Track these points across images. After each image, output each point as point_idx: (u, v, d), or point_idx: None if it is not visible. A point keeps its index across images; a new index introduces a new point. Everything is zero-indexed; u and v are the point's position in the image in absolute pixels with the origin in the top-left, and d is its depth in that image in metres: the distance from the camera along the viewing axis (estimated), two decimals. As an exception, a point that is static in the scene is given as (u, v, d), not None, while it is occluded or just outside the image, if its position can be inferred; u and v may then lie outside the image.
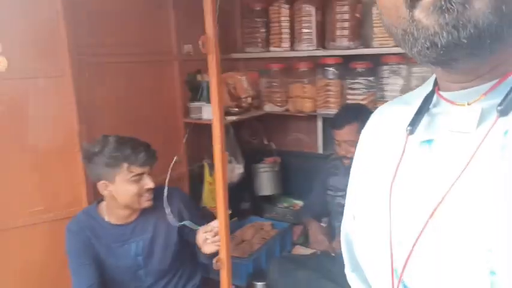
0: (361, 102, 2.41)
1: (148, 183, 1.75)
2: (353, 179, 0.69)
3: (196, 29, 1.35)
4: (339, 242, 0.77)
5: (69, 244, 1.75)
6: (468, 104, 0.49)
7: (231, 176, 2.83)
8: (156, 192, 1.83)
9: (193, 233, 1.93)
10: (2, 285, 1.82)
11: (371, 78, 2.43)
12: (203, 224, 1.89)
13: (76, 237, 1.75)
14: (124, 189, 1.72)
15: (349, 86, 2.52)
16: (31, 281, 1.88)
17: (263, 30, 2.86)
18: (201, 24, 1.37)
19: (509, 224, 0.42)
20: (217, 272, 1.64)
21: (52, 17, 1.82)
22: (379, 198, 0.57)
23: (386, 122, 0.64)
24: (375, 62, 2.43)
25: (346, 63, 2.53)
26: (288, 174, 2.95)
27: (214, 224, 1.67)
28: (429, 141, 0.53)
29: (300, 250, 2.62)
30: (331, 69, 2.56)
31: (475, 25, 0.41)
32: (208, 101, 2.36)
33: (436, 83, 0.56)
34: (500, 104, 0.45)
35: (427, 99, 0.56)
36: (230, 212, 2.67)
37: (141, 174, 1.74)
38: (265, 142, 3.06)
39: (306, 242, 2.61)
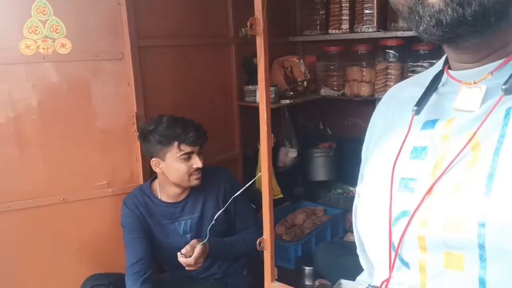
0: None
1: (197, 162, 1.79)
2: (363, 160, 0.71)
3: (253, 13, 1.34)
4: None
5: (124, 218, 1.86)
6: (474, 83, 0.49)
7: (285, 160, 2.82)
8: (206, 172, 1.88)
9: (239, 214, 1.96)
10: (68, 255, 1.96)
11: (434, 61, 2.28)
12: (246, 207, 1.93)
13: (130, 212, 1.84)
14: (174, 167, 1.78)
15: (411, 70, 2.40)
16: (92, 251, 2.01)
17: (322, 12, 2.79)
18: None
19: (501, 199, 0.42)
20: (262, 253, 1.65)
21: (114, 5, 1.89)
22: (382, 175, 0.58)
23: (396, 102, 0.65)
24: (439, 44, 2.28)
25: (408, 46, 2.41)
26: (343, 160, 2.89)
27: (184, 251, 1.70)
28: (434, 120, 0.54)
29: (352, 237, 2.56)
30: (392, 51, 2.46)
31: (480, 2, 0.41)
32: (262, 84, 2.35)
33: (446, 62, 0.56)
34: (505, 83, 0.45)
35: (436, 79, 0.56)
36: (281, 196, 2.69)
37: (191, 153, 1.78)
38: (321, 127, 3.01)
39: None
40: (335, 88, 2.75)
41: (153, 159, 1.82)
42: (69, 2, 1.82)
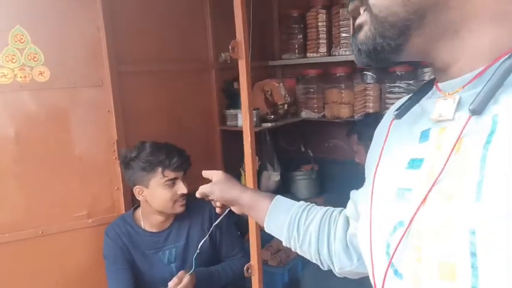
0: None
1: (182, 188, 1.76)
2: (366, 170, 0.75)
3: (233, 38, 1.35)
4: None
5: (106, 249, 1.80)
6: (449, 94, 0.53)
7: (268, 184, 2.81)
8: (189, 199, 1.84)
9: (225, 241, 1.92)
10: (45, 289, 1.88)
11: (411, 82, 2.35)
12: (232, 234, 1.90)
13: (113, 243, 1.78)
14: (158, 194, 1.74)
15: (389, 90, 2.45)
16: (73, 285, 1.93)
17: (300, 36, 2.84)
18: (237, 32, 1.37)
19: (491, 206, 0.43)
20: (249, 280, 1.62)
21: (93, 31, 1.88)
22: (368, 186, 0.63)
23: (387, 116, 0.71)
24: (415, 65, 2.34)
25: (385, 67, 2.46)
26: (326, 181, 2.89)
27: (171, 283, 1.67)
28: (427, 130, 0.56)
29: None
30: (369, 73, 2.50)
31: (362, 44, 0.55)
32: (243, 108, 2.36)
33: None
34: (472, 103, 0.48)
35: (424, 89, 0.60)
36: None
37: (175, 179, 1.75)
38: (302, 149, 3.02)
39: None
40: (315, 110, 2.78)
41: (136, 186, 1.77)
42: (47, 30, 1.80)
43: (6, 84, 1.73)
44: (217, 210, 1.09)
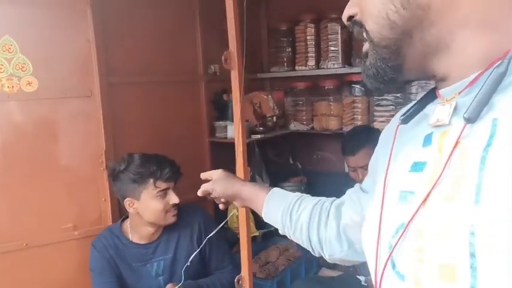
0: (390, 119, 2.36)
1: (174, 198, 1.75)
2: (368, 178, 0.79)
3: (222, 50, 1.36)
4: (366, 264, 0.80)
5: (93, 261, 1.76)
6: (446, 101, 0.56)
7: (257, 196, 2.80)
8: (179, 210, 1.83)
9: (215, 253, 1.90)
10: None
11: (399, 95, 2.38)
12: (221, 246, 1.88)
13: (99, 255, 1.75)
14: (150, 206, 1.72)
15: (377, 103, 2.47)
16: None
17: (289, 49, 2.86)
18: (227, 44, 1.38)
19: (490, 208, 0.44)
20: (240, 292, 1.60)
21: (83, 43, 1.87)
22: (377, 190, 0.64)
23: (391, 124, 0.73)
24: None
25: (398, 88, 2.49)
26: (314, 193, 2.87)
27: None
28: (429, 134, 0.58)
29: (327, 272, 2.54)
30: (357, 86, 2.53)
31: (372, 67, 0.59)
32: (233, 119, 2.36)
33: None
34: (466, 111, 0.49)
35: (427, 95, 0.62)
36: (257, 234, 2.65)
37: (167, 189, 1.74)
38: (291, 161, 3.02)
39: (333, 264, 2.53)
40: (304, 122, 2.79)
41: (126, 199, 1.74)
42: (37, 40, 1.78)
43: (-7, 93, 1.71)
44: (221, 206, 1.12)
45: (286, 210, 0.94)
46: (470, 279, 0.44)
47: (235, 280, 1.63)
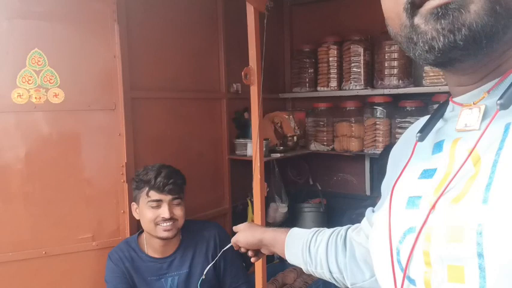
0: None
1: (164, 212, 1.73)
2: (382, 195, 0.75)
3: (247, 64, 1.38)
4: None
5: (108, 273, 1.77)
6: (474, 104, 0.52)
7: (275, 216, 2.78)
8: (195, 226, 1.83)
9: (229, 270, 1.88)
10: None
11: (420, 118, 2.35)
12: (237, 263, 1.86)
13: (115, 267, 1.76)
14: (143, 214, 1.77)
15: (398, 125, 2.44)
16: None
17: (311, 70, 2.88)
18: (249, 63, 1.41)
19: (498, 208, 0.43)
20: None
21: (109, 58, 1.93)
22: (386, 198, 0.62)
23: (404, 139, 0.72)
24: (426, 101, 2.35)
25: (395, 102, 2.48)
26: (333, 216, 2.85)
27: None
28: (441, 142, 0.56)
29: (345, 297, 2.47)
30: (379, 108, 2.51)
31: (469, 28, 0.45)
32: (253, 137, 2.37)
33: (450, 93, 0.60)
34: (500, 98, 0.47)
35: (440, 108, 0.61)
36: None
37: (159, 201, 1.74)
38: (311, 182, 3.00)
39: None
40: (325, 143, 2.78)
41: (132, 203, 1.84)
42: (65, 54, 1.84)
43: (20, 104, 1.76)
44: (252, 259, 1.15)
45: (305, 246, 0.94)
46: (479, 280, 0.43)
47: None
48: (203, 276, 1.50)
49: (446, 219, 0.48)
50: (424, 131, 0.60)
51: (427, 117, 0.66)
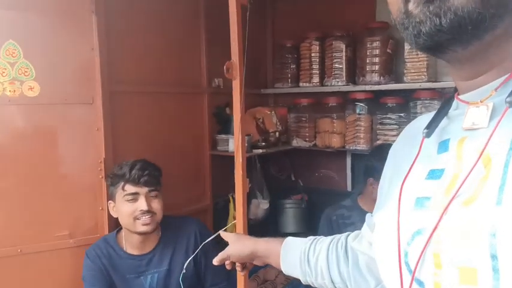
0: (393, 138, 2.34)
1: (142, 204, 1.70)
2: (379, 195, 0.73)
3: (229, 59, 1.36)
4: None
5: (85, 270, 1.73)
6: (481, 101, 0.51)
7: (257, 212, 2.76)
8: (175, 222, 1.80)
9: (210, 267, 1.86)
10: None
11: (402, 114, 2.37)
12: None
13: (92, 264, 1.72)
14: (120, 209, 1.73)
15: (380, 122, 2.46)
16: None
17: (293, 66, 2.87)
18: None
19: None
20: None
21: (87, 50, 1.87)
22: (392, 198, 0.60)
23: (406, 135, 0.70)
24: (407, 98, 2.36)
25: (376, 99, 2.48)
26: (315, 212, 2.85)
27: None
28: (446, 141, 0.55)
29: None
30: (361, 104, 2.52)
31: (455, 12, 0.45)
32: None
33: (456, 90, 0.59)
34: (509, 96, 0.46)
35: (445, 105, 0.60)
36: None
37: (136, 194, 1.71)
38: (293, 178, 2.99)
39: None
40: (307, 139, 2.77)
41: (109, 201, 1.79)
42: (41, 45, 1.78)
43: (-6, 97, 1.70)
44: (241, 273, 1.13)
45: (303, 256, 0.90)
46: (493, 282, 0.43)
47: (231, 296, 1.60)
48: (184, 270, 1.48)
49: (458, 221, 0.48)
50: (430, 128, 0.59)
51: (427, 114, 0.65)
